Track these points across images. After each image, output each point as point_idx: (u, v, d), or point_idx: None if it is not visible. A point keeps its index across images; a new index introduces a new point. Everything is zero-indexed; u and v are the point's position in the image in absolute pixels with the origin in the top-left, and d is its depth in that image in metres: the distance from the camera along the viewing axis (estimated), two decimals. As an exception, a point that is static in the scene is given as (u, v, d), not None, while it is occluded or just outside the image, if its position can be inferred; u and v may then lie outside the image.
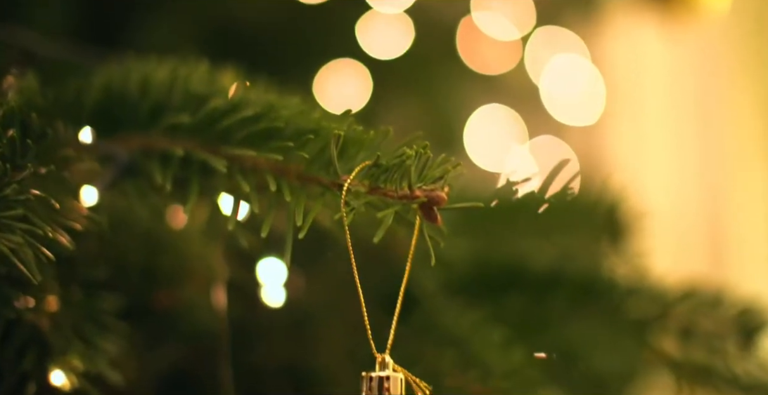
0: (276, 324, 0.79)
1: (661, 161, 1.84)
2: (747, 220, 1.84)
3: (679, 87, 1.87)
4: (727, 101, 1.90)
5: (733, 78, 1.91)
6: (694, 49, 1.82)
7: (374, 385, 0.51)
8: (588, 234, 0.84)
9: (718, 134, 1.88)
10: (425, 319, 0.70)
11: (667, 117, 1.86)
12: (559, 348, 0.80)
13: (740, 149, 1.88)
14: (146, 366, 0.73)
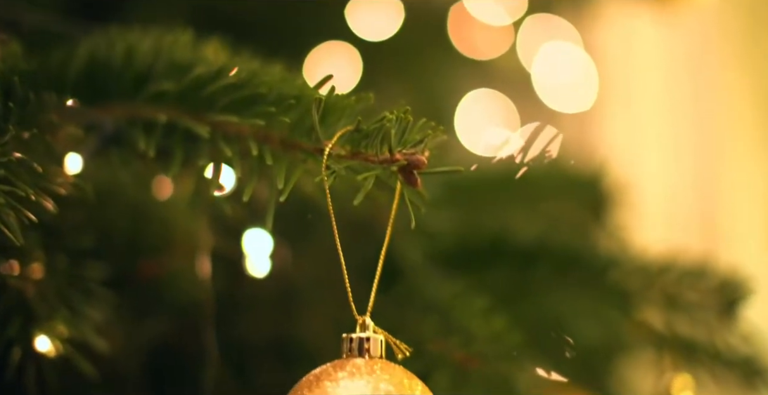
0: (262, 295, 0.80)
1: (654, 148, 1.85)
2: (741, 206, 1.85)
3: (673, 74, 1.87)
4: (720, 87, 1.90)
5: (726, 64, 1.91)
6: (687, 36, 1.82)
7: (354, 346, 0.51)
8: (572, 207, 0.85)
9: (712, 120, 1.88)
10: (408, 288, 0.70)
11: (661, 104, 1.86)
12: (542, 318, 0.81)
13: (734, 135, 1.88)
14: (132, 336, 0.73)
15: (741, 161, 1.88)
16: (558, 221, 0.82)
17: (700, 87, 1.89)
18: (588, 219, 0.85)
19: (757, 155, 1.89)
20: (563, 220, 0.84)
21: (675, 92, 1.89)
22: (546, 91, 1.36)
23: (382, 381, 0.49)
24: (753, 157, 1.89)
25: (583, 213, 0.85)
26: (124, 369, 0.73)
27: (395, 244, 0.78)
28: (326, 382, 0.49)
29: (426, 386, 0.51)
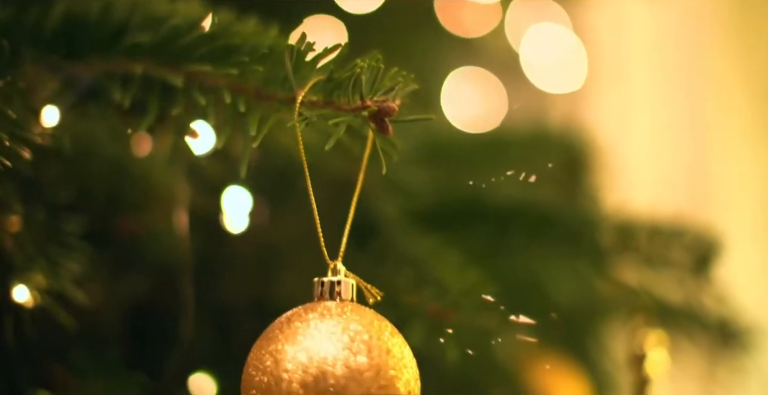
0: (241, 253, 0.81)
1: (645, 128, 1.85)
2: (732, 187, 1.86)
3: (664, 54, 1.87)
4: (711, 67, 1.91)
5: (717, 43, 1.91)
6: (678, 16, 1.82)
7: (326, 290, 0.52)
8: (550, 168, 0.85)
9: (703, 100, 1.89)
10: (384, 243, 0.71)
11: (652, 85, 1.87)
12: (519, 277, 0.82)
13: (725, 115, 1.89)
14: (111, 291, 0.74)
15: (732, 141, 1.89)
16: (535, 181, 0.83)
17: (691, 67, 1.89)
18: (566, 180, 0.86)
19: (748, 135, 1.90)
20: (541, 181, 0.84)
21: (666, 73, 1.89)
22: (534, 71, 1.37)
23: (352, 321, 0.50)
24: (744, 138, 1.90)
25: (561, 174, 0.86)
26: (103, 323, 0.73)
27: (373, 201, 0.79)
28: (297, 323, 0.50)
29: (396, 328, 0.52)
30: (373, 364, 0.49)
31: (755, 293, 1.68)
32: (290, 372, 0.48)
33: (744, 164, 1.87)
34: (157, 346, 0.75)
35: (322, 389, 0.48)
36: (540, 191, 0.82)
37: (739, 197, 1.86)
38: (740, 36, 1.92)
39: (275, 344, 0.49)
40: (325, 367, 0.48)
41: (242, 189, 0.78)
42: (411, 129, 0.85)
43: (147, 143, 0.75)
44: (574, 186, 0.86)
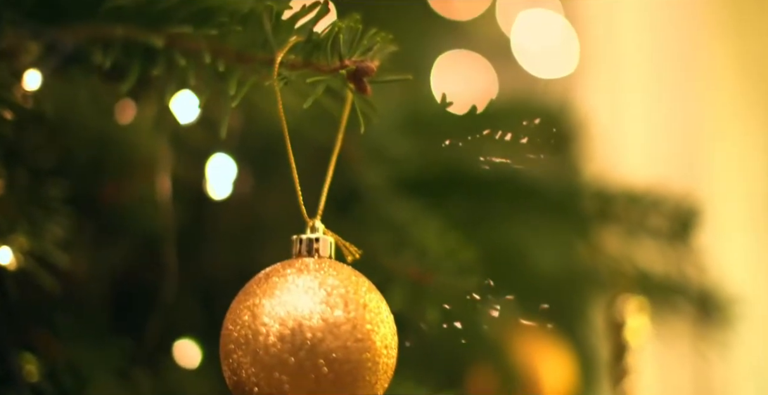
0: (225, 222, 0.81)
1: (637, 113, 1.86)
2: (724, 170, 1.87)
3: (656, 39, 1.87)
4: (703, 51, 1.91)
5: (709, 26, 1.91)
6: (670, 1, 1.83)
7: (304, 247, 0.53)
8: (534, 138, 0.86)
9: (695, 85, 1.89)
10: (365, 208, 0.72)
11: (644, 70, 1.87)
12: (500, 244, 0.82)
13: (717, 98, 1.89)
14: (95, 257, 0.74)
15: (725, 125, 1.89)
16: (518, 151, 0.84)
17: (683, 52, 1.89)
18: (549, 150, 0.86)
19: (740, 118, 1.91)
20: (525, 151, 0.85)
21: (658, 59, 1.89)
22: (525, 55, 1.37)
23: (329, 276, 0.50)
24: (737, 120, 1.91)
25: (544, 145, 0.86)
26: (86, 289, 0.74)
27: (356, 168, 0.80)
28: (274, 278, 0.51)
29: (373, 285, 0.52)
30: (350, 318, 0.49)
31: (746, 268, 1.70)
32: (267, 326, 0.49)
33: (738, 146, 1.88)
34: (140, 312, 0.76)
35: (298, 342, 0.49)
36: (524, 161, 0.82)
37: (733, 181, 1.87)
38: (732, 18, 1.92)
39: (253, 298, 0.50)
40: (302, 321, 0.49)
41: (227, 157, 0.79)
42: (395, 99, 0.87)
43: (131, 111, 0.76)
44: (557, 155, 0.86)
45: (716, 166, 1.85)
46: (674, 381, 1.59)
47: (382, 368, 0.50)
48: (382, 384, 0.51)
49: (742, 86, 1.90)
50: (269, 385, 0.49)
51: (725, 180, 1.84)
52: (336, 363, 0.48)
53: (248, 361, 0.49)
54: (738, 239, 1.74)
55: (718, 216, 1.76)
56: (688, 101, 1.87)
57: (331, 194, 0.62)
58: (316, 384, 0.48)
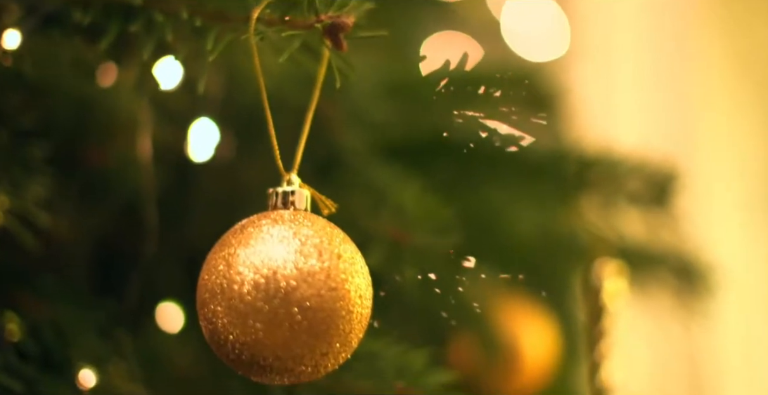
0: (208, 187, 0.82)
1: (628, 98, 1.86)
2: (715, 156, 1.87)
3: (648, 22, 1.87)
4: (695, 34, 1.91)
5: (702, 10, 1.92)
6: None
7: (279, 200, 0.54)
8: (515, 105, 0.86)
9: (688, 68, 1.89)
10: (346, 172, 0.72)
11: (636, 55, 1.87)
12: (481, 210, 0.83)
13: (709, 82, 1.90)
14: (77, 220, 0.75)
15: (717, 109, 1.90)
16: (500, 116, 0.84)
17: (675, 36, 1.89)
18: (530, 117, 0.87)
19: (732, 103, 1.91)
20: (506, 117, 0.85)
21: (650, 43, 1.89)
22: (515, 38, 1.37)
23: (303, 227, 0.51)
24: (728, 106, 1.91)
25: (525, 111, 0.87)
26: (68, 251, 0.75)
27: (338, 132, 0.80)
28: (250, 229, 0.51)
29: (348, 237, 0.53)
30: (324, 267, 0.50)
31: (737, 241, 1.71)
32: (242, 275, 0.50)
33: (730, 131, 1.88)
34: (122, 275, 0.76)
35: (272, 290, 0.49)
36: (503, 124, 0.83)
37: (724, 164, 1.88)
38: (725, 2, 1.93)
39: (228, 248, 0.51)
40: (276, 269, 0.49)
41: (210, 122, 0.79)
42: (377, 64, 0.87)
43: (112, 74, 0.76)
44: (537, 120, 0.86)
45: (707, 142, 1.86)
46: (656, 349, 1.61)
47: (356, 318, 0.51)
48: (357, 334, 0.52)
49: (735, 69, 1.90)
50: (244, 333, 0.49)
51: (716, 155, 1.85)
52: (310, 312, 0.49)
53: (223, 310, 0.50)
54: (729, 211, 1.75)
55: (710, 191, 1.78)
56: (679, 85, 1.87)
57: (310, 157, 0.63)
58: (290, 331, 0.49)
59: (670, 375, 1.68)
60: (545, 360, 0.93)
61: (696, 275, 0.99)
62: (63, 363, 0.65)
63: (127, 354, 0.68)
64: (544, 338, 0.93)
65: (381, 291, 0.63)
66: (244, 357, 0.50)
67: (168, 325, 0.80)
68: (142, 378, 0.67)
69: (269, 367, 0.50)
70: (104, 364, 0.65)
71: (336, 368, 0.52)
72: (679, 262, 0.96)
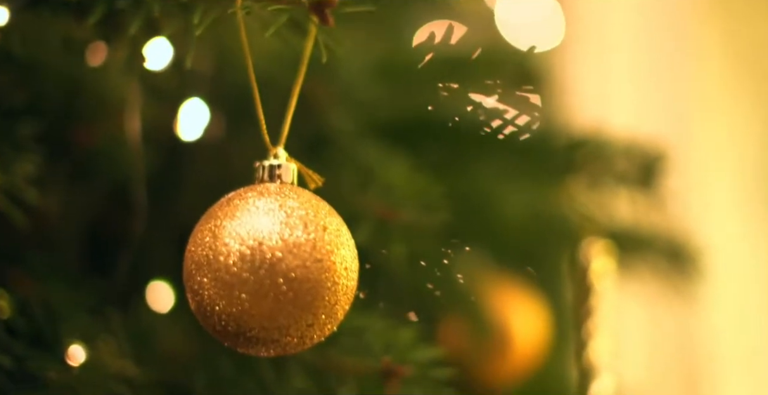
0: (198, 167, 0.82)
1: (623, 87, 1.86)
2: (710, 147, 1.88)
3: (644, 13, 1.87)
4: (691, 25, 1.91)
5: (699, 1, 1.92)
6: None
7: (266, 173, 0.54)
8: (503, 86, 0.86)
9: (683, 58, 1.89)
10: (336, 151, 0.73)
11: (631, 45, 1.87)
12: (470, 190, 0.84)
13: (705, 72, 1.90)
14: (67, 200, 0.75)
15: (711, 98, 1.90)
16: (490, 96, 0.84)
17: (669, 27, 1.89)
18: (518, 96, 0.87)
19: (727, 92, 1.91)
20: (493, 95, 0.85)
21: (646, 32, 1.89)
22: (509, 28, 1.37)
23: (289, 199, 0.51)
24: (723, 95, 1.91)
25: (513, 91, 0.87)
26: (58, 229, 0.75)
27: (328, 112, 0.81)
28: (236, 201, 0.52)
29: (334, 210, 0.53)
30: (309, 239, 0.50)
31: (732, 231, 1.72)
32: (228, 246, 0.50)
33: (725, 122, 1.89)
34: (112, 254, 0.77)
35: (258, 261, 0.50)
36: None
37: (720, 154, 1.88)
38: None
39: (214, 220, 0.51)
40: (262, 241, 0.50)
41: (200, 102, 0.79)
42: (369, 47, 0.87)
43: (102, 53, 0.76)
44: (527, 103, 0.87)
45: (702, 127, 1.86)
46: (649, 332, 1.61)
47: (341, 289, 0.51)
48: (343, 306, 0.52)
49: (730, 58, 1.90)
50: (230, 304, 0.50)
51: (711, 141, 1.85)
52: (295, 282, 0.50)
53: (209, 281, 0.50)
54: (724, 195, 1.76)
55: (705, 175, 1.78)
56: (675, 71, 1.87)
57: (299, 136, 0.64)
58: (275, 302, 0.49)
59: (663, 359, 1.69)
60: (534, 341, 0.93)
61: (686, 258, 0.99)
62: (52, 339, 0.65)
63: (116, 331, 0.68)
64: (533, 318, 0.93)
65: (367, 265, 0.63)
66: (230, 328, 0.50)
67: (158, 305, 0.81)
68: (132, 355, 0.67)
69: (255, 338, 0.50)
70: (93, 340, 0.65)
71: (322, 340, 0.53)
72: (668, 244, 0.96)
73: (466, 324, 0.87)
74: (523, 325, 0.92)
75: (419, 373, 0.62)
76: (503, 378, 0.94)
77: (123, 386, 0.64)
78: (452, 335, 0.88)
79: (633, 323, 1.55)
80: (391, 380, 0.61)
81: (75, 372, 0.63)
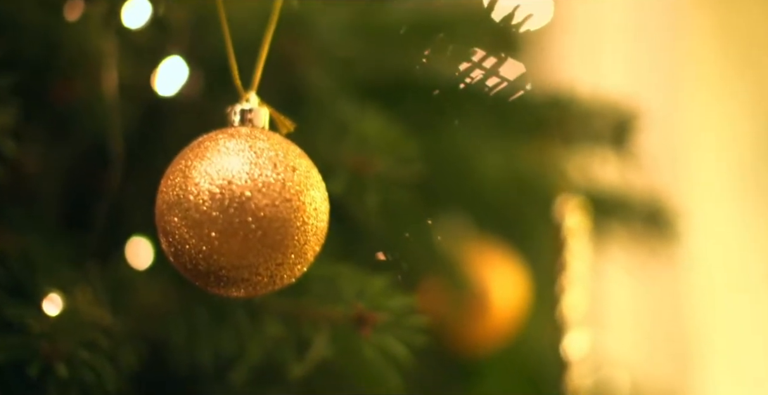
0: (176, 125, 0.83)
1: (616, 67, 1.86)
2: (701, 111, 1.88)
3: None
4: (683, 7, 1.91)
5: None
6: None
7: (238, 117, 0.55)
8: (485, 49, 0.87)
9: (675, 40, 1.89)
10: (311, 107, 0.73)
11: (623, 25, 1.87)
12: (448, 151, 0.84)
13: (697, 54, 1.90)
14: (46, 155, 0.76)
15: (704, 83, 1.90)
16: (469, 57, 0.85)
17: (663, 9, 1.89)
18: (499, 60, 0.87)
19: (720, 77, 1.91)
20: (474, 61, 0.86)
21: (637, 15, 1.89)
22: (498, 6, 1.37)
23: (259, 140, 0.52)
24: (716, 77, 1.91)
25: (495, 54, 0.87)
26: (37, 184, 0.75)
27: (306, 69, 0.81)
28: (207, 143, 0.52)
29: (305, 154, 0.54)
30: (278, 179, 0.51)
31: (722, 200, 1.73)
32: (198, 186, 0.51)
33: (717, 105, 1.89)
34: (90, 210, 0.77)
35: (227, 200, 0.50)
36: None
37: (712, 138, 1.88)
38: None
39: (185, 161, 0.52)
40: (231, 180, 0.50)
41: (178, 58, 0.80)
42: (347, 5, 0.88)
43: (79, 8, 0.76)
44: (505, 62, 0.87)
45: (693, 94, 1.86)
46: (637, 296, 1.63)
47: (311, 230, 0.52)
48: (312, 247, 0.53)
49: (723, 45, 1.90)
50: (200, 242, 0.50)
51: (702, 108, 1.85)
52: (264, 221, 0.50)
53: (180, 220, 0.51)
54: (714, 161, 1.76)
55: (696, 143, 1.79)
56: (667, 56, 1.87)
57: (277, 92, 0.64)
58: (244, 240, 0.50)
59: (650, 325, 1.70)
60: (512, 300, 0.94)
61: (662, 220, 1.00)
62: (30, 288, 0.66)
63: (94, 282, 0.69)
64: (510, 278, 0.94)
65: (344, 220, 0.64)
66: (201, 266, 0.51)
67: (137, 261, 0.82)
68: (109, 306, 0.68)
69: (225, 277, 0.51)
70: (71, 290, 0.66)
71: (293, 281, 0.53)
72: (644, 206, 0.97)
73: (442, 281, 0.88)
74: (500, 284, 0.93)
75: (393, 321, 0.63)
76: (481, 339, 0.95)
77: (100, 334, 0.65)
78: (429, 294, 0.89)
79: (618, 290, 1.56)
80: (365, 327, 0.62)
81: (52, 320, 0.64)
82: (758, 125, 1.85)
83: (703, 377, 1.76)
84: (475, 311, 0.91)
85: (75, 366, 0.62)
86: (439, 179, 0.87)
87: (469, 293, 0.90)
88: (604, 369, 1.07)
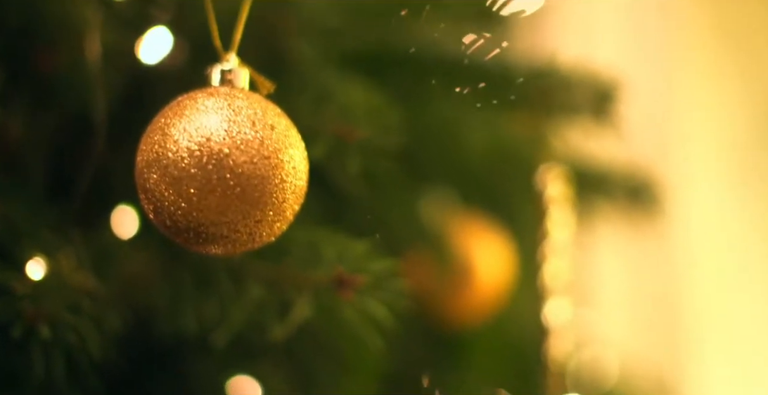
0: (160, 93, 0.83)
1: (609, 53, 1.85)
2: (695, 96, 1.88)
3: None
4: None
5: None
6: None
7: (217, 77, 0.55)
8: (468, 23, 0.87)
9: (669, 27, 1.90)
10: (294, 77, 0.73)
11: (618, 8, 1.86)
12: (432, 122, 0.85)
13: (691, 39, 1.90)
14: (29, 124, 0.76)
15: (697, 72, 1.90)
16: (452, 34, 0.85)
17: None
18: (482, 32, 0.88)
19: (712, 53, 1.92)
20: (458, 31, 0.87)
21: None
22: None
23: (238, 99, 0.52)
24: (708, 53, 1.92)
25: (478, 28, 0.88)
26: (20, 152, 0.76)
27: (289, 38, 0.81)
28: (186, 101, 0.53)
29: (284, 113, 0.54)
30: (257, 136, 0.52)
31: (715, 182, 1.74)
32: (177, 143, 0.51)
33: (711, 89, 1.89)
34: (74, 180, 0.77)
35: (205, 156, 0.51)
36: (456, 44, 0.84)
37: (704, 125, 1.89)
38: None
39: (164, 119, 0.52)
40: (210, 137, 0.51)
41: (162, 27, 0.80)
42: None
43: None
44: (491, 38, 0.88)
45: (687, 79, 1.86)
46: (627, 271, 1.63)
47: (290, 187, 0.53)
48: (291, 205, 0.53)
49: (717, 35, 1.90)
50: (179, 199, 0.51)
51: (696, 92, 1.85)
52: (243, 178, 0.51)
53: (159, 177, 0.51)
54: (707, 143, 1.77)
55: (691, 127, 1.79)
56: (661, 40, 1.87)
57: (259, 61, 0.64)
58: (223, 197, 0.51)
59: (643, 301, 1.71)
60: (497, 272, 0.95)
61: (646, 194, 1.01)
62: (14, 253, 0.66)
63: (78, 248, 0.69)
64: (495, 249, 0.95)
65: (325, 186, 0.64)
66: (180, 223, 0.52)
67: (122, 230, 0.82)
68: (93, 271, 0.69)
69: (205, 234, 0.52)
70: (55, 255, 0.66)
71: (272, 239, 0.54)
72: (627, 180, 0.98)
73: (426, 252, 0.88)
74: (484, 255, 0.93)
75: (374, 283, 0.63)
76: (465, 309, 0.96)
77: (84, 298, 0.65)
78: (413, 264, 0.89)
79: (607, 268, 1.57)
80: (346, 289, 0.63)
81: (35, 283, 0.64)
82: (750, 101, 1.86)
83: (693, 355, 1.77)
84: (458, 281, 0.92)
85: (59, 329, 0.63)
86: (422, 149, 0.88)
87: (452, 263, 0.90)
88: (592, 348, 1.08)
